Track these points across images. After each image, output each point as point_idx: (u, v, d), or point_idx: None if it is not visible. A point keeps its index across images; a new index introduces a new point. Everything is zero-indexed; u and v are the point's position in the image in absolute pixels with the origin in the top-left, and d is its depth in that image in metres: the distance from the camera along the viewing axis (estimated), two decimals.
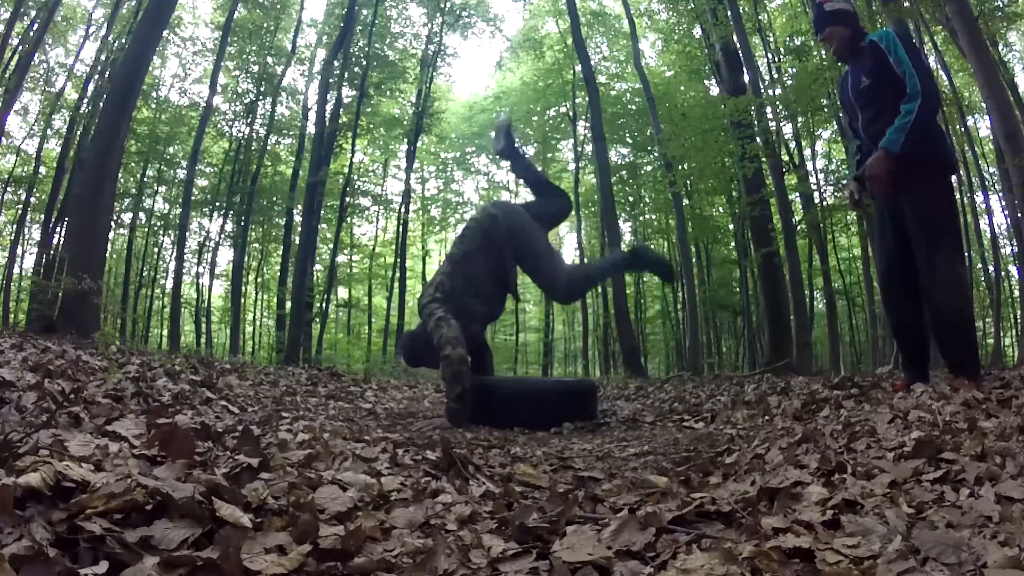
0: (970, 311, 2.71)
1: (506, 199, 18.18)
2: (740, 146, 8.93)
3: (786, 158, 11.24)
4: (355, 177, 16.56)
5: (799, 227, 10.06)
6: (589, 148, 15.38)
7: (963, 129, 11.49)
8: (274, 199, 15.82)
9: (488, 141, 19.63)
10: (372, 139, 17.30)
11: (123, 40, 10.88)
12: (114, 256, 15.17)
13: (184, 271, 14.97)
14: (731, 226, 15.39)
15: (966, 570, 0.84)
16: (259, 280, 18.34)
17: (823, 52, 9.85)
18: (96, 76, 11.68)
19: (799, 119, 11.03)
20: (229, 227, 16.25)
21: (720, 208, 15.79)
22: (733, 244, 15.52)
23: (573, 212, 16.37)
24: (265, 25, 14.79)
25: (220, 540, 0.84)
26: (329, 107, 12.79)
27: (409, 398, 4.58)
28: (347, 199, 15.72)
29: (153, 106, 14.40)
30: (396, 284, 16.17)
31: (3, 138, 11.04)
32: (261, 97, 15.25)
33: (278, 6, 14.74)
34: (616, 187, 14.78)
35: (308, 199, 11.91)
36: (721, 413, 2.89)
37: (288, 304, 12.58)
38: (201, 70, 15.26)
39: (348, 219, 17.00)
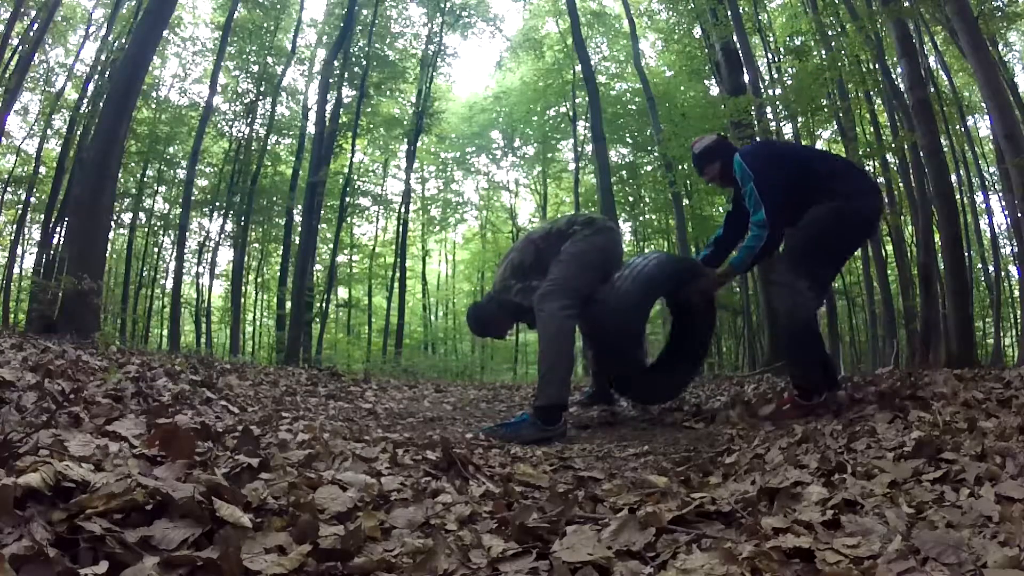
0: (800, 329, 2.57)
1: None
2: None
3: None
4: (355, 177, 16.56)
5: None
6: (589, 148, 15.36)
7: (963, 129, 11.49)
8: (274, 199, 15.81)
9: (488, 141, 19.68)
10: (372, 139, 17.30)
11: (123, 40, 10.86)
12: (114, 256, 15.15)
13: (184, 271, 14.98)
14: None
15: (966, 570, 0.84)
16: (259, 280, 18.33)
17: (823, 52, 9.86)
18: (96, 76, 11.66)
19: (799, 119, 11.04)
20: (229, 227, 16.25)
21: (720, 208, 15.77)
22: None
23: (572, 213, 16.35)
24: (265, 25, 14.78)
25: (220, 540, 0.84)
26: (329, 107, 12.79)
27: (409, 398, 4.57)
28: (347, 199, 15.71)
29: (153, 106, 14.38)
30: (396, 284, 16.17)
31: (3, 138, 11.03)
32: (261, 97, 15.24)
33: (278, 6, 14.73)
34: (616, 187, 14.76)
35: (308, 199, 11.91)
36: (721, 413, 2.89)
37: (288, 304, 12.58)
38: (201, 70, 15.26)
39: (348, 219, 16.99)
